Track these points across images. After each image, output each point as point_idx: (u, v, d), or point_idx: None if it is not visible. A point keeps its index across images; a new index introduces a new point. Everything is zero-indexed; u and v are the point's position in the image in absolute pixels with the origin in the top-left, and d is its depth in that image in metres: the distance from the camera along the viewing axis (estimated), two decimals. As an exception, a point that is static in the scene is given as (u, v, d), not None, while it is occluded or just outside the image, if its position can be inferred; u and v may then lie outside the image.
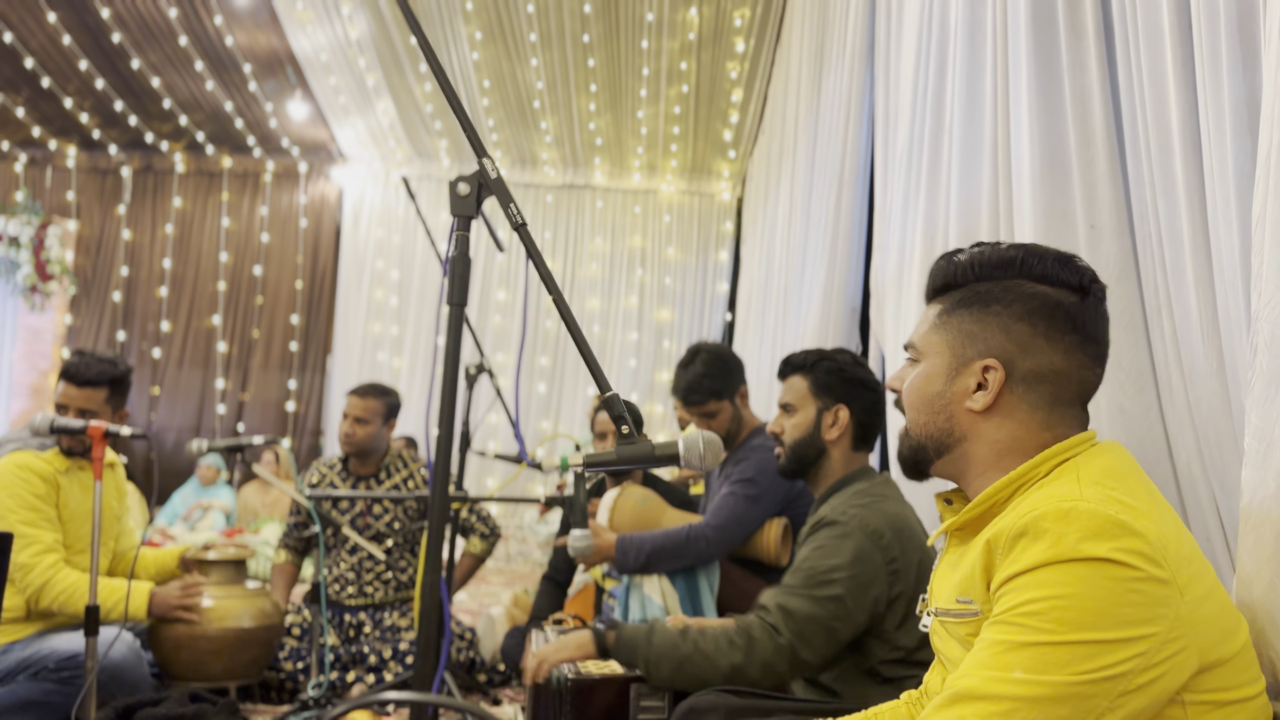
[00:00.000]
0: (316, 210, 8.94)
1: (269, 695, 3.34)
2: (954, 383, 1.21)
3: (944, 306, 1.24)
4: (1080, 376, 1.18)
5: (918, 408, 1.25)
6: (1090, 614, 0.97)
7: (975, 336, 1.20)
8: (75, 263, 8.85)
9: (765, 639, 1.90)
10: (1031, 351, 1.17)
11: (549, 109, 7.43)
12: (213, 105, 7.76)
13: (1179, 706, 1.00)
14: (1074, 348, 1.17)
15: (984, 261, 1.22)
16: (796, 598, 1.91)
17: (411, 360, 8.73)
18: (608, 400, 1.44)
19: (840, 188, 3.97)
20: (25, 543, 2.74)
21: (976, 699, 0.99)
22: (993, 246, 1.22)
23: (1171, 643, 0.98)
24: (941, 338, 1.23)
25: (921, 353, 1.26)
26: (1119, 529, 0.99)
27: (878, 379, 2.25)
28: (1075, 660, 0.96)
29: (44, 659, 2.71)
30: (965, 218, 2.45)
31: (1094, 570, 0.98)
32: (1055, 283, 1.18)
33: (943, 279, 1.26)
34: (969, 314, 1.21)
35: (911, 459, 1.28)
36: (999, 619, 1.03)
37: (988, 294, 1.20)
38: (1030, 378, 1.17)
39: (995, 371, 1.17)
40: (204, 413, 8.73)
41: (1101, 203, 1.92)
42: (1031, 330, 1.17)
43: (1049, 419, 1.17)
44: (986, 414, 1.19)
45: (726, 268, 8.72)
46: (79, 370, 2.84)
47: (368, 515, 3.68)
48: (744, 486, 2.88)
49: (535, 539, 7.69)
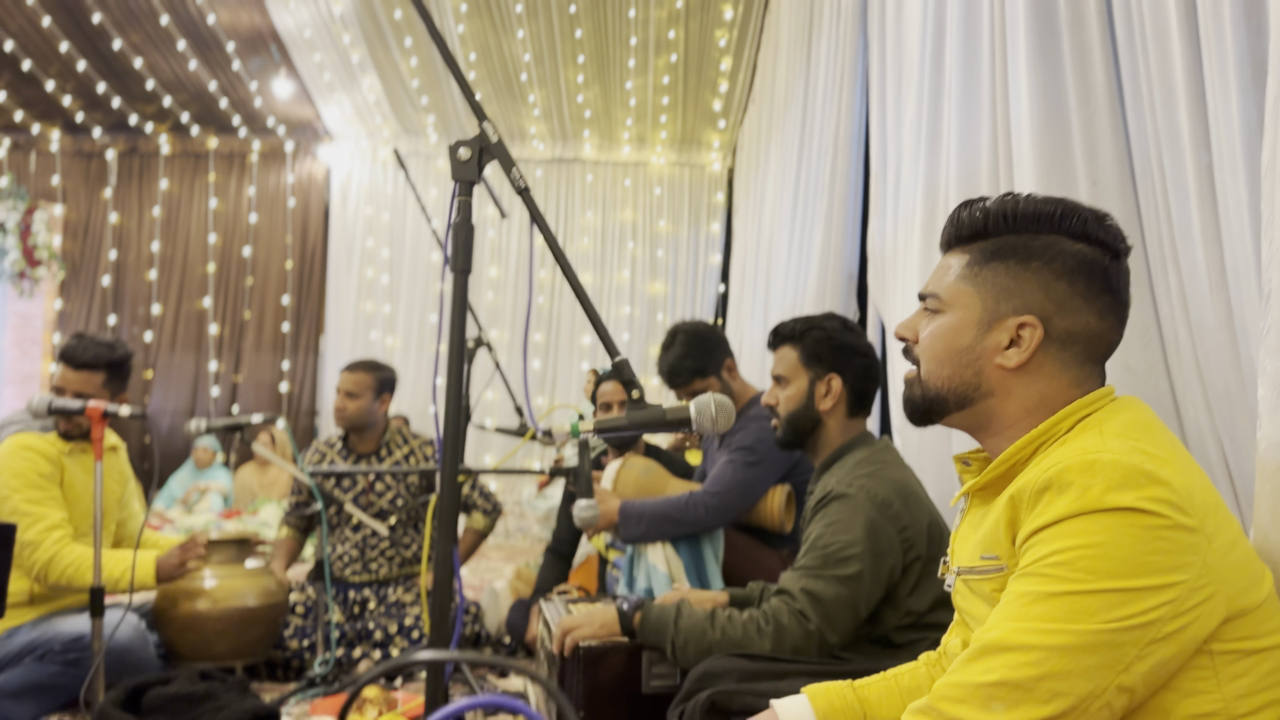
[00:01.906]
0: (304, 189, 8.87)
1: (275, 673, 3.34)
2: (985, 337, 1.18)
3: (973, 257, 1.21)
4: (1109, 338, 1.18)
5: (941, 359, 1.22)
6: (1118, 562, 0.97)
7: (1012, 292, 1.17)
8: (63, 247, 8.77)
9: (794, 625, 1.90)
10: (1069, 311, 1.15)
11: (536, 82, 7.37)
12: (196, 85, 7.67)
13: (1206, 655, 1.00)
14: (1108, 309, 1.16)
15: (1018, 213, 1.18)
16: (819, 580, 1.91)
17: (405, 338, 8.70)
18: (618, 364, 1.44)
19: (835, 153, 3.95)
20: (30, 520, 2.73)
21: (1005, 650, 0.99)
22: (1025, 198, 1.19)
23: (1199, 590, 0.98)
24: (972, 289, 1.20)
25: (946, 303, 1.22)
26: (1144, 478, 0.99)
27: (869, 342, 2.23)
28: (1104, 608, 0.96)
29: (50, 641, 2.71)
30: (965, 178, 2.44)
31: (1121, 519, 0.98)
32: (1093, 241, 1.16)
33: (970, 228, 1.22)
34: (1005, 268, 1.18)
35: (924, 408, 1.25)
36: (1026, 571, 1.03)
37: (1026, 248, 1.17)
38: (1065, 337, 1.15)
39: (1032, 329, 1.15)
40: (198, 395, 8.69)
41: (1104, 158, 1.91)
42: (1071, 289, 1.15)
43: (1079, 376, 1.16)
44: (1017, 371, 1.17)
45: (719, 239, 8.69)
46: (76, 353, 2.82)
47: (370, 493, 3.67)
48: (743, 454, 2.88)
49: (534, 514, 7.70)
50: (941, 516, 2.07)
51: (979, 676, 1.00)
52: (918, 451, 2.71)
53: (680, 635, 1.95)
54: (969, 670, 1.02)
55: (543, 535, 7.55)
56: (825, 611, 1.90)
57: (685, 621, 1.96)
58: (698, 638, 1.94)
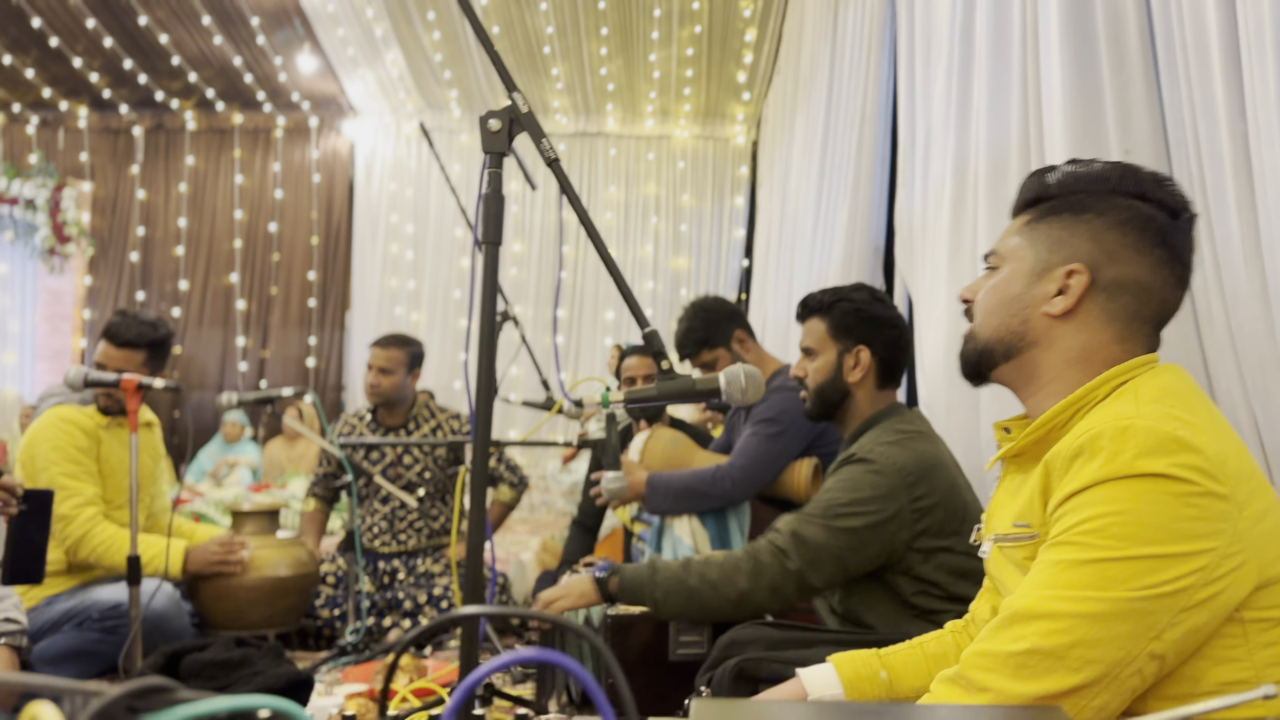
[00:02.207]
0: (329, 165, 8.90)
1: (307, 642, 3.40)
2: (1035, 286, 1.19)
3: (1032, 216, 1.23)
4: (1162, 295, 1.17)
5: (992, 310, 1.23)
6: (1149, 529, 0.97)
7: (1063, 242, 1.18)
8: (92, 224, 8.86)
9: (772, 563, 1.91)
10: (1119, 260, 1.15)
11: (559, 55, 7.34)
12: (221, 61, 7.70)
13: (1237, 624, 1.00)
14: (1161, 263, 1.16)
15: (1078, 177, 1.20)
16: (812, 525, 1.91)
17: (430, 314, 8.74)
18: (648, 335, 1.44)
19: (862, 125, 3.92)
20: (66, 495, 2.78)
21: (1036, 618, 0.99)
22: (1088, 163, 1.21)
23: (1231, 558, 0.98)
24: (1027, 242, 1.22)
25: (1003, 258, 1.24)
26: (1176, 444, 0.99)
27: (899, 313, 2.22)
28: (1135, 575, 0.96)
29: (88, 609, 2.77)
30: (996, 148, 2.42)
31: (1152, 485, 0.98)
32: (1149, 199, 1.17)
33: (1033, 193, 1.25)
34: (1059, 221, 1.19)
35: (975, 361, 1.26)
36: (1057, 540, 1.03)
37: (1080, 204, 1.19)
38: (1113, 286, 1.16)
39: (1080, 275, 1.16)
40: (226, 370, 8.79)
41: (1137, 127, 1.89)
42: (1121, 239, 1.16)
43: (1124, 332, 1.16)
44: (1063, 319, 1.17)
45: (743, 213, 8.65)
46: (119, 330, 2.86)
47: (398, 465, 3.72)
48: (765, 426, 2.88)
49: (559, 488, 7.74)
50: (971, 490, 2.06)
51: (1009, 645, 1.01)
52: (945, 425, 2.70)
53: (659, 589, 1.96)
54: (999, 639, 1.02)
55: (567, 509, 7.59)
56: (810, 555, 1.89)
57: (662, 575, 1.97)
58: (676, 587, 1.95)
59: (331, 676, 2.93)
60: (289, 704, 0.55)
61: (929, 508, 1.93)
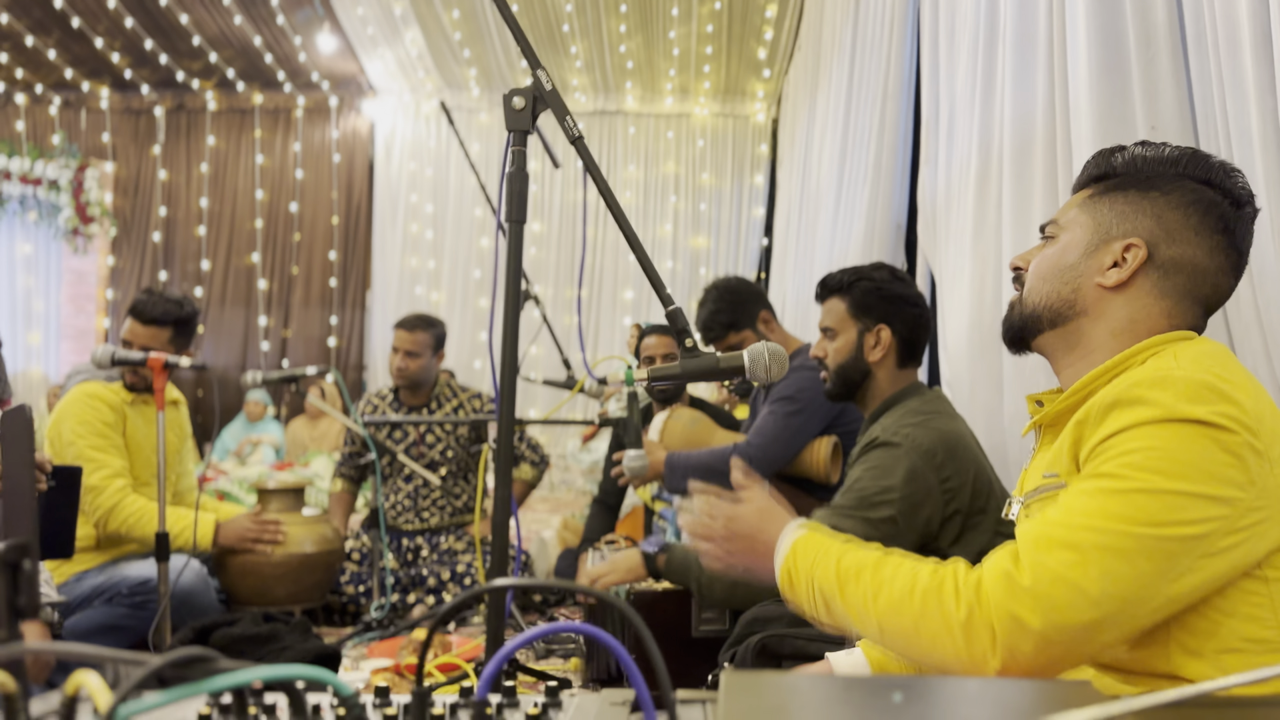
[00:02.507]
0: (349, 145, 8.92)
1: (332, 618, 3.44)
2: (1091, 257, 1.20)
3: (1096, 191, 1.24)
4: (1215, 280, 1.17)
5: (1044, 277, 1.24)
6: (1181, 464, 0.97)
7: (1125, 216, 1.19)
8: (114, 204, 8.92)
9: None
10: (1178, 240, 1.16)
11: (578, 33, 7.30)
12: (242, 40, 7.71)
13: (1260, 581, 1.01)
14: (1219, 248, 1.16)
15: (1147, 158, 1.22)
16: (849, 519, 1.91)
17: (449, 293, 8.76)
18: (671, 313, 1.45)
19: (884, 101, 3.89)
20: (94, 467, 2.82)
21: (1061, 547, 0.98)
22: (1159, 145, 1.22)
23: (1255, 511, 0.98)
24: (1088, 214, 1.23)
25: (1062, 228, 1.25)
26: (1216, 395, 1.00)
27: (919, 291, 2.21)
28: (1162, 510, 0.96)
29: (117, 585, 2.81)
30: (1020, 124, 2.40)
31: (1192, 429, 0.99)
32: (1216, 186, 1.18)
33: (1099, 170, 1.26)
34: (1123, 196, 1.20)
35: (1020, 327, 1.27)
36: (1089, 473, 1.03)
37: (1147, 181, 1.20)
38: (1169, 265, 1.16)
39: (1137, 249, 1.17)
40: (248, 350, 8.85)
41: (1164, 103, 1.87)
42: (1184, 220, 1.16)
43: (1173, 309, 1.17)
44: (1115, 291, 1.18)
45: (763, 192, 8.62)
46: (146, 308, 2.89)
47: (421, 444, 3.75)
48: (783, 404, 2.88)
49: (579, 467, 7.78)
50: (992, 469, 2.06)
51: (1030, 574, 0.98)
52: (969, 400, 2.69)
53: (705, 573, 1.98)
54: (1022, 568, 1.00)
55: (587, 488, 7.63)
56: None
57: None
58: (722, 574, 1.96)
59: (357, 652, 2.97)
60: (327, 673, 0.57)
61: (957, 487, 1.93)
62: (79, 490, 2.06)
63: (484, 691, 0.67)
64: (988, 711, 0.63)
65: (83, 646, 0.57)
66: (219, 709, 0.73)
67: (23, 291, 8.77)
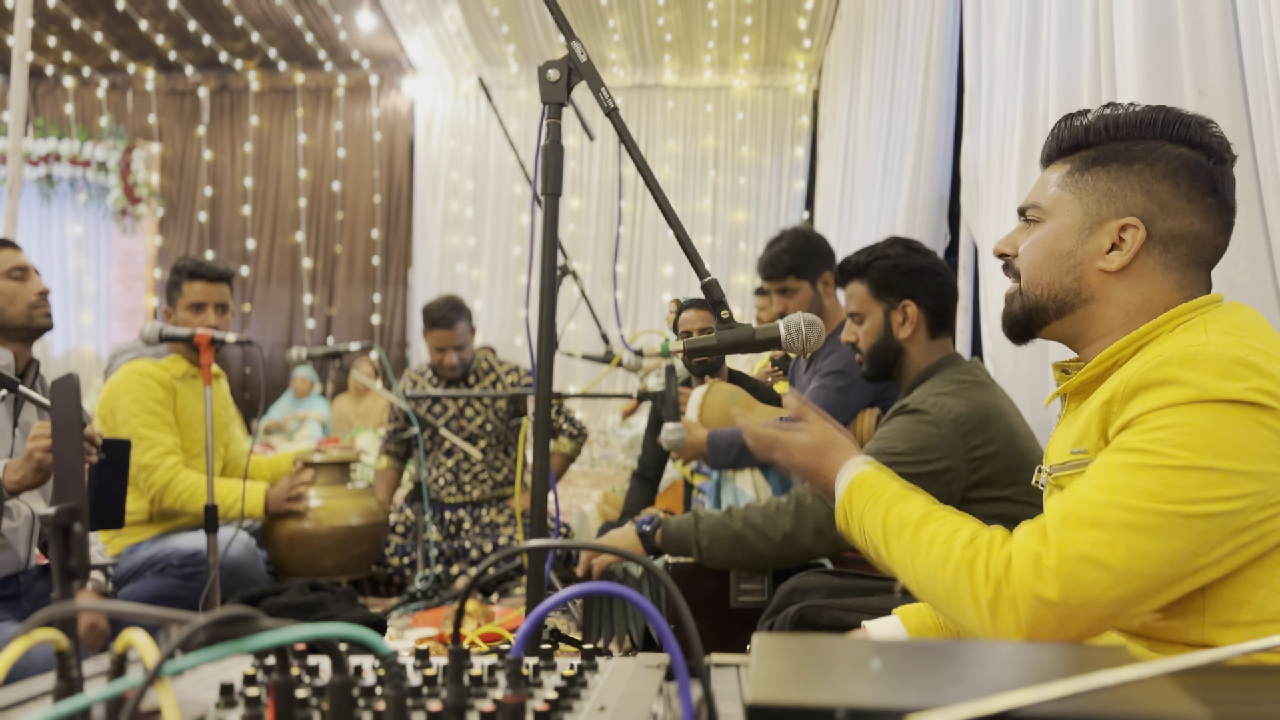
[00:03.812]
0: (389, 123, 8.97)
1: (377, 589, 3.50)
2: (1086, 241, 1.17)
3: (1074, 166, 1.19)
4: (1214, 242, 1.15)
5: (1040, 267, 1.20)
6: (1214, 441, 0.96)
7: (1114, 194, 1.15)
8: (161, 185, 9.06)
9: (816, 504, 1.91)
10: (1173, 212, 1.13)
11: (616, 6, 7.26)
12: (283, 20, 7.77)
13: None
14: (1211, 211, 1.13)
15: (1118, 122, 1.17)
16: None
17: (490, 270, 8.81)
18: (707, 285, 1.44)
19: (927, 69, 3.83)
20: (147, 445, 2.88)
21: (1088, 525, 0.97)
22: (1126, 107, 1.17)
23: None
24: (1074, 196, 1.18)
25: (1046, 211, 1.21)
26: (1249, 370, 0.97)
27: (939, 259, 2.18)
28: (1193, 487, 0.95)
29: (168, 557, 2.88)
30: (1066, 90, 2.35)
31: (1225, 408, 0.97)
32: (1195, 145, 1.14)
33: (1071, 140, 1.21)
34: (1106, 172, 1.16)
35: (1024, 319, 1.24)
36: (1116, 445, 1.02)
37: (1128, 153, 1.15)
38: (1168, 239, 1.13)
39: (1135, 230, 1.13)
40: (294, 327, 8.98)
41: (1211, 67, 1.82)
42: (1174, 190, 1.13)
43: (1182, 280, 1.14)
44: (1119, 274, 1.15)
45: (803, 164, 8.54)
46: (209, 268, 3.01)
47: (461, 418, 3.79)
48: (834, 379, 2.86)
49: (619, 442, 7.81)
50: (1032, 436, 2.04)
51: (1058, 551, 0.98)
52: (1013, 374, 2.66)
53: (703, 537, 1.98)
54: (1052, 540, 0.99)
55: (627, 462, 7.66)
56: None
57: (705, 523, 1.99)
58: (720, 532, 1.97)
59: (402, 622, 3.02)
60: (369, 633, 0.58)
61: (986, 457, 1.90)
62: (128, 462, 2.11)
63: (519, 651, 0.68)
64: (1022, 674, 0.63)
65: (131, 605, 0.59)
66: (263, 669, 0.75)
67: (74, 272, 8.96)
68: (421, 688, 0.70)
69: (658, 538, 2.07)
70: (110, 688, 0.57)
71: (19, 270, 2.29)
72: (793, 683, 0.59)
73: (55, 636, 0.60)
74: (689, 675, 0.65)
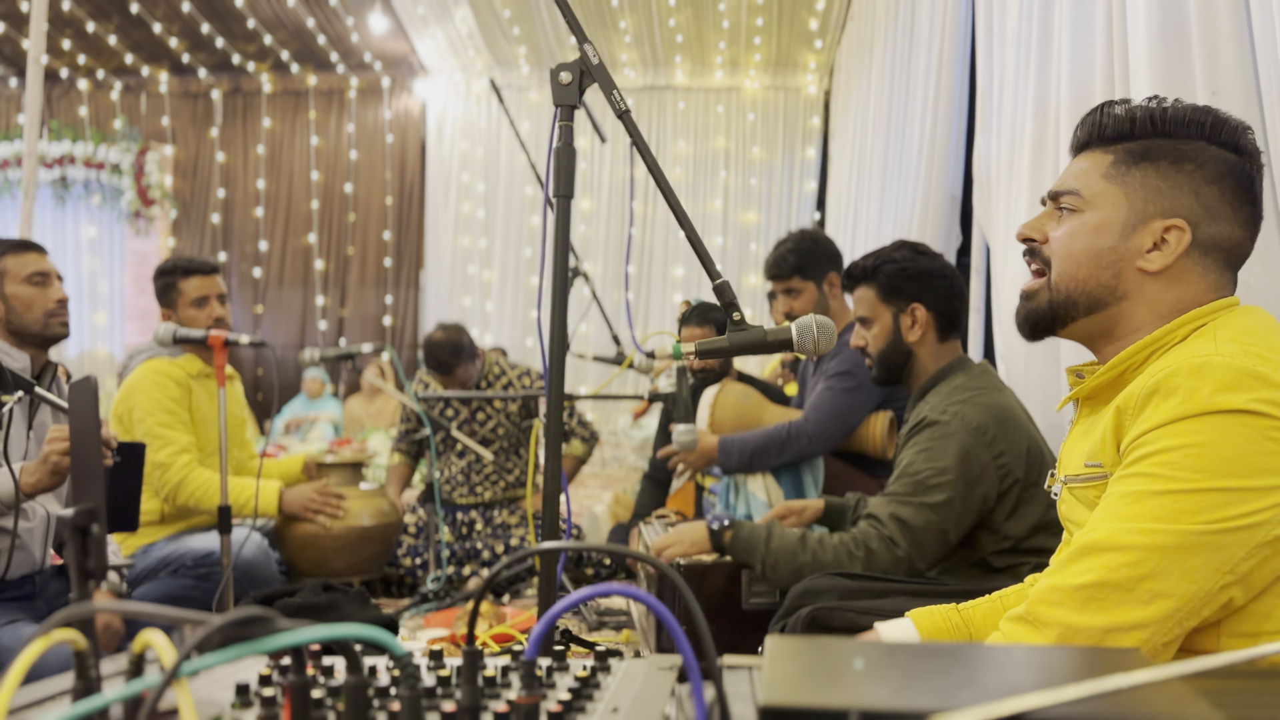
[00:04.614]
0: (401, 125, 9.00)
1: (390, 589, 3.51)
2: (1129, 239, 1.15)
3: (1119, 157, 1.17)
4: (1246, 248, 1.15)
5: (1079, 260, 1.18)
6: (1226, 461, 0.95)
7: (1162, 193, 1.14)
8: (174, 187, 9.11)
9: (884, 551, 1.91)
10: (1217, 217, 1.12)
11: (628, 7, 7.27)
12: (295, 22, 7.80)
13: None
14: (1250, 220, 1.14)
15: (1165, 117, 1.15)
16: (908, 507, 1.91)
17: (501, 272, 8.82)
18: (719, 287, 1.44)
19: (939, 70, 3.82)
20: (162, 443, 2.90)
21: (1106, 550, 0.98)
22: (1174, 102, 1.16)
23: None
24: (1119, 189, 1.16)
25: (1088, 202, 1.18)
26: (1256, 380, 0.97)
27: (946, 262, 2.18)
28: (1209, 508, 0.95)
29: (182, 557, 2.89)
30: (1078, 90, 2.34)
31: (1230, 420, 0.96)
32: (1240, 151, 1.13)
33: (1114, 129, 1.18)
34: (1156, 169, 1.14)
35: (1049, 313, 1.21)
36: (1129, 471, 1.02)
37: (1177, 151, 1.14)
38: (1209, 243, 1.13)
39: (1181, 233, 1.12)
40: (306, 329, 9.01)
41: (1224, 67, 1.81)
42: (1220, 195, 1.12)
43: (1216, 284, 1.14)
44: (1157, 275, 1.14)
45: (814, 165, 8.52)
46: (200, 262, 3.03)
47: (473, 420, 3.80)
48: (840, 380, 2.87)
49: (630, 443, 7.82)
50: (1044, 439, 2.03)
51: (1076, 578, 0.99)
52: (1025, 374, 2.66)
53: (771, 555, 1.98)
54: (1066, 572, 1.01)
55: (638, 464, 7.66)
56: (914, 538, 1.90)
57: (776, 542, 1.99)
58: (789, 558, 1.96)
59: (414, 622, 3.03)
60: (384, 633, 0.58)
61: (1010, 461, 1.92)
62: (143, 465, 2.12)
63: (533, 652, 0.68)
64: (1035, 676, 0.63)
65: (148, 606, 0.59)
66: (278, 669, 0.76)
67: (88, 273, 9.01)
68: (436, 688, 0.70)
69: (727, 538, 2.07)
70: (128, 688, 0.58)
71: (40, 276, 2.30)
72: (806, 685, 0.60)
73: (74, 637, 0.61)
74: (702, 677, 0.66)
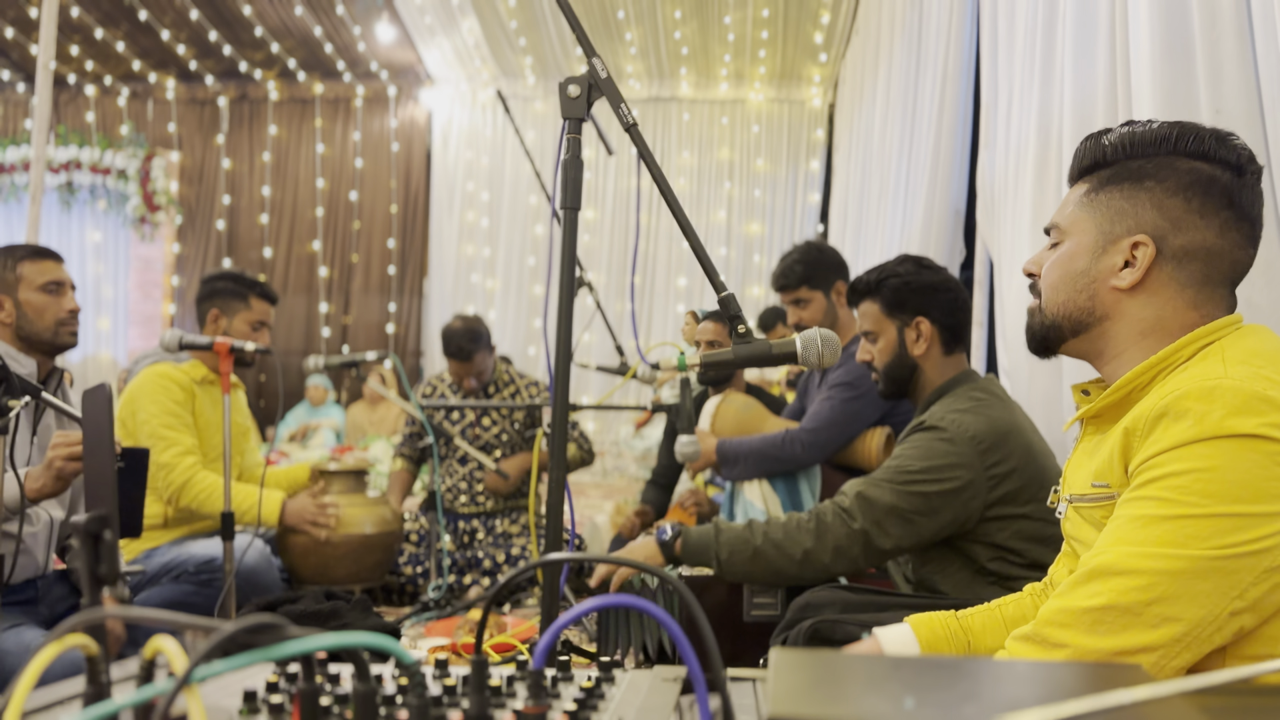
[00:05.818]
0: (407, 134, 9.03)
1: (391, 598, 3.51)
2: (1099, 260, 1.18)
3: (1091, 185, 1.21)
4: (1233, 256, 1.15)
5: (1057, 286, 1.22)
6: (1235, 486, 0.96)
7: (1125, 213, 1.16)
8: (180, 193, 9.13)
9: (837, 523, 1.90)
10: (1184, 227, 1.13)
11: (633, 19, 7.30)
12: (302, 31, 7.84)
13: None
14: (1228, 225, 1.13)
15: (1135, 140, 1.18)
16: (878, 488, 1.90)
17: (505, 281, 8.83)
18: (724, 300, 1.45)
19: (944, 84, 3.83)
20: (166, 445, 2.91)
21: (1115, 574, 0.98)
22: (1145, 124, 1.18)
23: None
24: (1088, 215, 1.20)
25: (1065, 232, 1.23)
26: (1266, 404, 0.97)
27: (950, 275, 2.19)
28: (1218, 533, 0.95)
29: (184, 563, 2.90)
30: (1080, 107, 2.36)
31: (1240, 445, 0.96)
32: (1211, 159, 1.14)
33: (1090, 159, 1.22)
34: (1119, 190, 1.17)
35: (1042, 336, 1.26)
36: (1137, 495, 1.02)
37: (1140, 170, 1.16)
38: (1181, 255, 1.14)
39: (1145, 247, 1.14)
40: (310, 336, 9.02)
41: (1228, 85, 1.82)
42: (1185, 205, 1.13)
43: (1197, 298, 1.14)
44: (1133, 292, 1.16)
45: (818, 177, 8.54)
46: (271, 291, 3.32)
47: (477, 427, 3.81)
48: (841, 390, 2.87)
49: (631, 454, 7.82)
50: (1050, 453, 2.03)
51: (1085, 600, 1.00)
52: (1028, 389, 2.66)
53: (723, 550, 1.97)
54: (1075, 594, 1.01)
55: (640, 474, 7.67)
56: (876, 516, 1.88)
57: (725, 536, 1.98)
58: (742, 546, 1.95)
59: (415, 631, 3.03)
60: (392, 642, 0.59)
61: (1005, 474, 1.90)
62: (146, 471, 2.13)
63: (539, 663, 0.68)
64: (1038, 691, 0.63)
65: (160, 612, 0.60)
66: (285, 677, 0.76)
67: (93, 278, 9.03)
68: (442, 697, 0.70)
69: (678, 547, 2.06)
70: (140, 693, 0.58)
71: (54, 284, 2.32)
72: (811, 697, 0.60)
73: (85, 642, 0.61)
74: (707, 688, 0.66)
